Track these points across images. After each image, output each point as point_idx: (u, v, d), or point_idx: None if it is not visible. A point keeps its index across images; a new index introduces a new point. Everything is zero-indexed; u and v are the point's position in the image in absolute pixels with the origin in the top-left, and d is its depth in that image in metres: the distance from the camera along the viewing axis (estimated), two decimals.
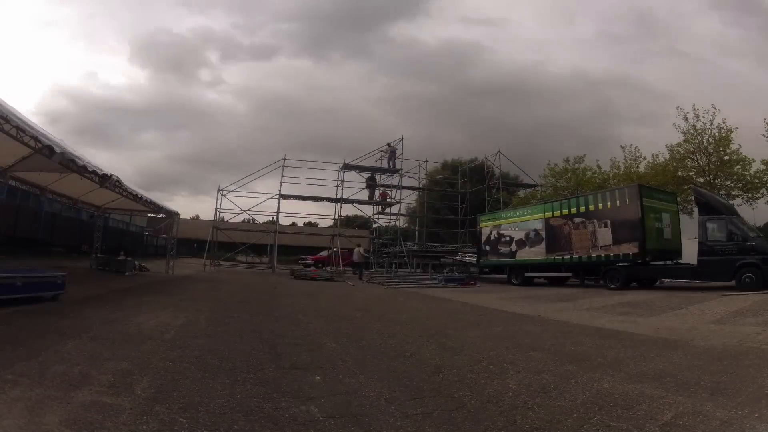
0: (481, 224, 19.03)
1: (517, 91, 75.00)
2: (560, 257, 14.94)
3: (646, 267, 13.15)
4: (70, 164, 8.41)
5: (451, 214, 29.59)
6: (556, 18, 74.42)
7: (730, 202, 17.21)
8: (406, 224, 32.73)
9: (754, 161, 19.72)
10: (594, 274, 14.37)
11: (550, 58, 76.07)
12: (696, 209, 13.51)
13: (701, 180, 20.46)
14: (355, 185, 24.83)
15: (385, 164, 24.73)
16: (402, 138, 24.85)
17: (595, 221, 14.10)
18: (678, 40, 64.54)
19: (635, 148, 23.91)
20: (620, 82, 66.51)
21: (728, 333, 5.71)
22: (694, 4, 64.81)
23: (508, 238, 17.23)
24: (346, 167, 24.34)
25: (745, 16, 61.77)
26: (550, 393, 3.18)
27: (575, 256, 14.53)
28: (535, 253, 15.81)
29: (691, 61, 61.63)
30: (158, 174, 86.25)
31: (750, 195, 20.04)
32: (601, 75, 69.99)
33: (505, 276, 17.34)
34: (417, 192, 29.14)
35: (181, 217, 20.84)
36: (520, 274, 16.31)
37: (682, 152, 21.41)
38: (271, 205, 26.09)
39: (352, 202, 24.93)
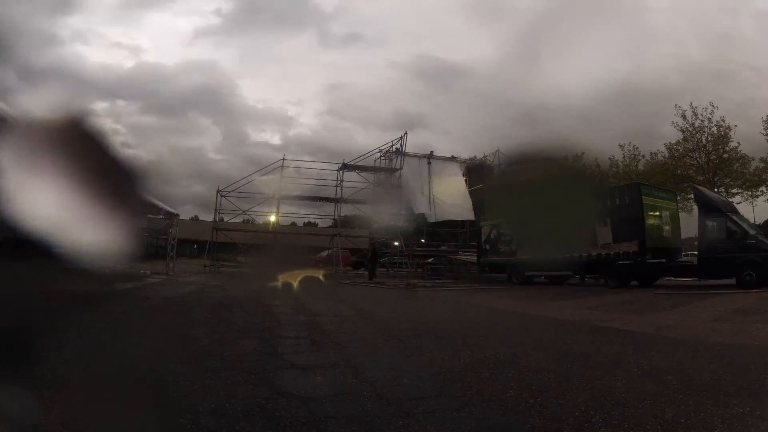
0: (481, 223, 19.02)
1: None
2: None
3: (646, 265, 13.15)
4: None
5: None
6: None
7: (730, 199, 17.26)
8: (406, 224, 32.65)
9: (752, 159, 19.81)
10: (594, 272, 14.35)
11: None
12: (695, 207, 13.54)
13: (700, 178, 20.50)
14: (356, 184, 24.83)
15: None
16: (406, 133, 24.94)
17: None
18: None
19: (634, 146, 23.99)
20: None
21: (729, 330, 5.72)
22: None
23: (507, 237, 17.20)
24: (345, 167, 24.30)
25: None
26: (551, 392, 3.17)
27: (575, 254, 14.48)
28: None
29: None
30: None
31: (750, 192, 20.10)
32: None
33: (505, 275, 17.33)
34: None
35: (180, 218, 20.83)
36: (520, 273, 16.30)
37: (680, 150, 21.46)
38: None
39: (353, 202, 24.89)
